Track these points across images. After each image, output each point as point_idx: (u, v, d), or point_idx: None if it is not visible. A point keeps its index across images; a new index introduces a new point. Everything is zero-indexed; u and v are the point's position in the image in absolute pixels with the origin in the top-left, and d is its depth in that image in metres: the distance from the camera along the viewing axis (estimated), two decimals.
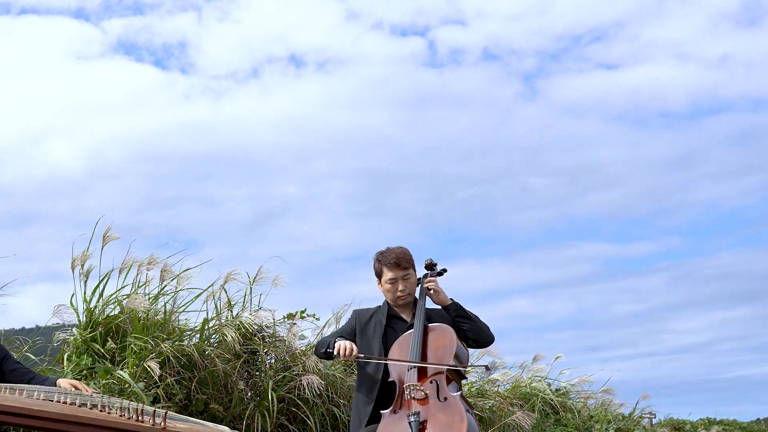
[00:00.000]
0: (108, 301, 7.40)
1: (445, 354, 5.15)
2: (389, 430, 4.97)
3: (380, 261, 5.46)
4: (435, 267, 5.71)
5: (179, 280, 7.75)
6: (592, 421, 11.87)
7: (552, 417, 11.19)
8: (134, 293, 7.41)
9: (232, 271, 7.99)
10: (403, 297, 5.42)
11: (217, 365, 7.20)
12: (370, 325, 5.46)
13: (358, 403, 5.37)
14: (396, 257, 5.40)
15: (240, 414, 7.28)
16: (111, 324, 7.24)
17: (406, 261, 5.42)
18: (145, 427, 4.56)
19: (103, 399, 4.63)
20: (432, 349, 5.20)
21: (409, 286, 5.43)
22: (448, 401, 4.96)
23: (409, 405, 4.99)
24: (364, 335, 5.44)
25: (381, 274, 5.46)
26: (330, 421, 7.74)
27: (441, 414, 4.91)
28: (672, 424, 16.19)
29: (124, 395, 6.25)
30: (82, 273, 7.42)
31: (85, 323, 7.24)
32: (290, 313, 8.44)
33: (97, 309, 7.32)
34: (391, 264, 5.40)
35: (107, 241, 7.55)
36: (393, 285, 5.42)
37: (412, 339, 5.22)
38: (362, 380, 5.39)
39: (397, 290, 5.40)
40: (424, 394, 5.00)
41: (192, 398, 7.09)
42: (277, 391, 7.38)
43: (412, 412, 4.90)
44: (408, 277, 5.42)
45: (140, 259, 7.68)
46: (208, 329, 7.69)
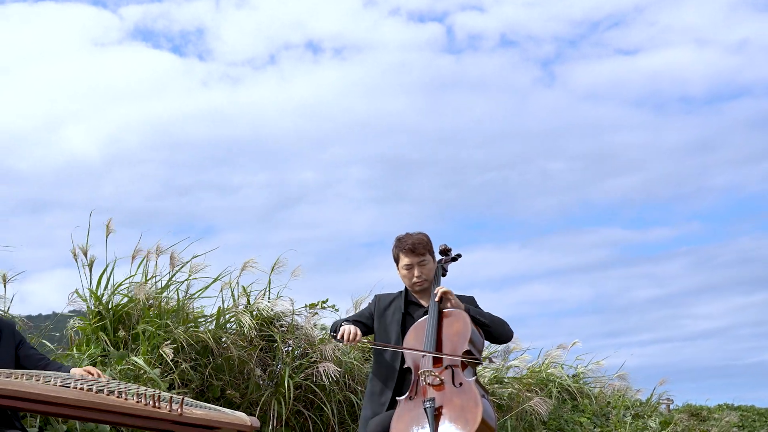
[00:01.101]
0: (116, 289, 7.40)
1: (460, 340, 5.13)
2: (405, 417, 4.95)
3: (397, 246, 5.45)
4: (449, 252, 5.70)
5: (191, 267, 7.74)
6: (609, 407, 11.84)
7: (569, 403, 11.17)
8: (143, 282, 7.41)
9: (249, 260, 7.98)
10: (419, 283, 5.40)
11: (232, 352, 7.19)
12: (389, 311, 5.45)
13: (373, 389, 5.36)
14: (412, 243, 5.38)
15: (256, 400, 7.28)
16: (120, 312, 7.24)
17: (423, 247, 5.40)
18: (162, 413, 4.56)
19: (120, 385, 4.63)
20: (446, 335, 5.18)
21: (426, 272, 5.41)
22: (463, 386, 4.94)
23: (425, 391, 4.98)
24: (382, 320, 5.43)
25: (398, 259, 5.45)
26: (347, 407, 7.73)
27: (456, 399, 4.90)
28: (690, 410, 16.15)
29: (140, 381, 6.25)
30: (85, 262, 7.43)
31: (93, 312, 7.24)
32: (312, 303, 8.43)
33: (104, 297, 7.32)
34: (406, 250, 5.39)
35: (110, 232, 7.56)
36: (409, 271, 5.40)
37: (426, 325, 5.21)
38: (379, 367, 5.38)
39: (413, 276, 5.39)
40: (439, 380, 4.98)
41: (208, 384, 7.09)
42: (294, 378, 7.37)
43: (427, 399, 4.89)
44: (424, 263, 5.40)
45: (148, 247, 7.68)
46: (224, 317, 7.68)
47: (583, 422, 10.68)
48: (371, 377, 5.45)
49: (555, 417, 10.31)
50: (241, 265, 7.92)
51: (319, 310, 8.40)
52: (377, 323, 5.43)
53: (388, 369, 5.31)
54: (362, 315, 5.52)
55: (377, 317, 5.45)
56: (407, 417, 4.95)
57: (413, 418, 4.91)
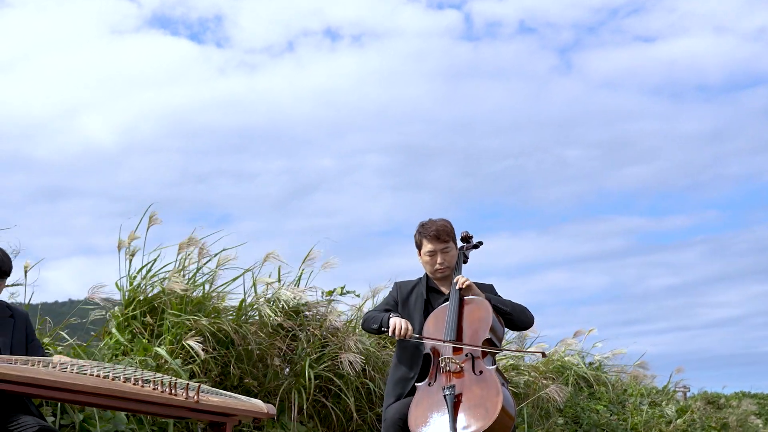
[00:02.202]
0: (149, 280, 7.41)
1: (481, 327, 5.11)
2: (424, 403, 4.95)
3: (420, 233, 5.43)
4: (471, 239, 5.69)
5: (219, 260, 7.73)
6: (625, 395, 11.82)
7: (585, 390, 11.16)
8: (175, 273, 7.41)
9: (272, 251, 7.97)
10: (442, 270, 5.39)
11: (251, 343, 7.19)
12: (411, 298, 5.44)
13: (396, 375, 5.33)
14: (436, 229, 5.36)
15: (275, 389, 7.28)
16: (152, 302, 7.26)
17: (446, 234, 5.38)
18: (178, 400, 4.58)
19: (137, 372, 4.64)
20: (467, 322, 5.17)
21: (448, 260, 5.40)
22: (484, 375, 4.94)
23: (445, 378, 4.96)
24: (405, 308, 5.42)
25: (420, 245, 5.43)
26: (365, 395, 7.73)
27: (476, 387, 4.89)
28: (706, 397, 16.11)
29: (161, 371, 6.26)
30: (128, 253, 7.43)
31: (127, 301, 7.25)
32: (330, 290, 8.42)
33: (140, 287, 7.34)
34: (430, 236, 5.37)
35: (153, 223, 7.56)
36: (432, 257, 5.38)
37: (447, 313, 5.19)
38: (403, 353, 5.35)
39: (435, 263, 5.37)
40: (459, 367, 4.97)
41: (227, 373, 7.09)
42: (315, 368, 7.36)
43: (447, 386, 4.89)
44: (447, 250, 5.39)
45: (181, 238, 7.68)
46: (245, 307, 7.68)
47: (599, 410, 10.67)
48: (395, 363, 5.42)
49: (571, 405, 10.31)
50: (264, 256, 7.92)
51: (337, 297, 8.39)
52: (401, 310, 5.41)
53: (411, 355, 5.29)
54: (389, 303, 5.51)
55: (401, 304, 5.43)
56: (426, 403, 4.94)
57: (432, 405, 4.91)
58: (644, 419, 10.93)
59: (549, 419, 9.67)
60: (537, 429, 9.33)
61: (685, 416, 11.79)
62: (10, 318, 4.92)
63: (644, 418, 10.95)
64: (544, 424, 9.53)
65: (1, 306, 5.00)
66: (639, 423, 10.80)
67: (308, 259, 8.20)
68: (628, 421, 10.78)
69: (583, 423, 10.28)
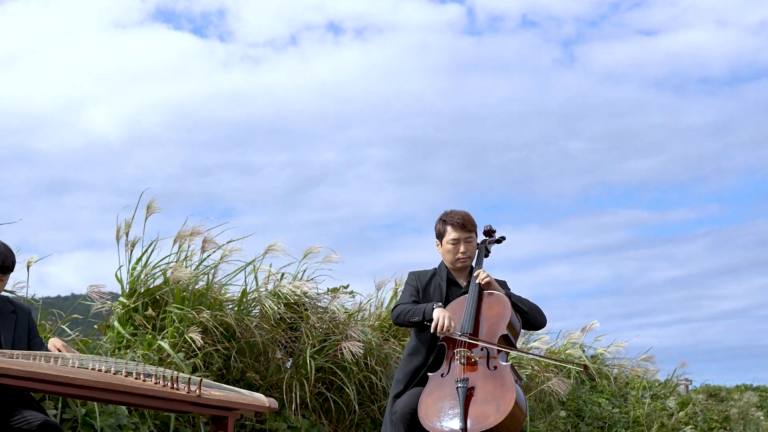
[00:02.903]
0: (151, 271, 7.39)
1: (499, 322, 5.10)
2: (435, 394, 4.94)
3: (445, 221, 5.42)
4: (494, 234, 5.69)
5: (224, 252, 7.72)
6: (627, 388, 11.83)
7: (587, 383, 11.16)
8: (178, 264, 7.40)
9: (273, 243, 7.96)
10: (463, 260, 5.38)
11: (255, 335, 7.19)
12: (429, 289, 5.42)
13: (411, 365, 5.30)
14: (462, 218, 5.36)
15: (277, 382, 7.29)
16: (154, 294, 7.25)
17: (471, 224, 5.40)
18: (180, 394, 4.57)
19: (138, 367, 4.64)
20: (486, 317, 5.15)
21: (470, 250, 5.40)
22: (498, 370, 4.92)
23: (458, 371, 4.95)
24: (425, 297, 5.40)
25: (444, 234, 5.41)
26: (367, 388, 7.72)
27: (490, 382, 4.88)
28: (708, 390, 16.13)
29: (164, 365, 6.26)
30: (127, 243, 7.41)
31: (128, 293, 7.24)
32: (334, 288, 8.42)
33: (140, 278, 7.32)
34: (456, 224, 5.36)
35: (151, 212, 7.54)
36: (455, 246, 5.37)
37: (465, 305, 5.17)
38: (418, 342, 5.33)
39: (458, 251, 5.36)
40: (474, 360, 4.95)
41: (229, 367, 7.09)
42: (316, 359, 7.37)
43: (460, 378, 4.87)
44: (470, 240, 5.39)
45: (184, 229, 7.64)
46: (247, 300, 7.67)
47: (601, 403, 10.67)
48: (408, 352, 5.38)
49: (573, 398, 10.31)
50: (265, 249, 7.92)
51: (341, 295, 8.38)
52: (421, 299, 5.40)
53: (426, 345, 5.28)
54: (414, 294, 5.43)
55: (420, 294, 5.42)
56: (437, 393, 4.93)
57: (443, 396, 4.89)
58: (646, 412, 10.94)
59: (551, 412, 9.68)
60: (539, 422, 9.33)
61: (687, 409, 11.79)
62: (13, 314, 4.93)
63: (646, 411, 10.96)
64: (546, 417, 9.53)
65: (4, 301, 5.00)
66: (641, 416, 10.80)
67: (310, 253, 8.20)
68: (630, 414, 10.79)
69: (585, 416, 10.29)
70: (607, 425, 10.39)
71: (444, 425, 4.80)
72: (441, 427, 4.80)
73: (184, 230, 7.63)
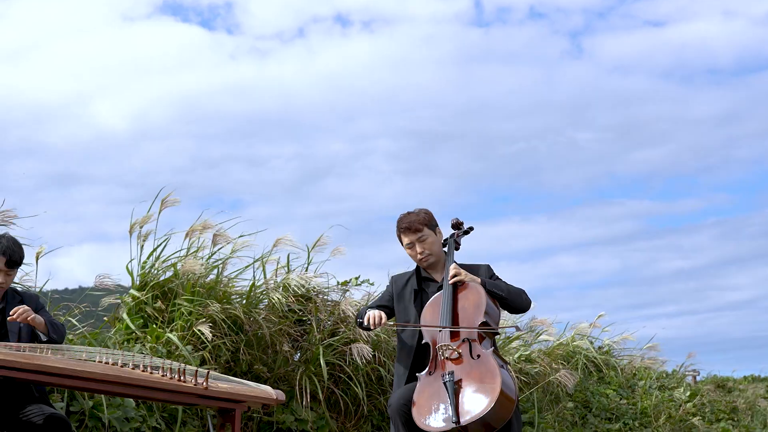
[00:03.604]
0: (162, 264, 7.40)
1: (476, 312, 5.13)
2: (426, 392, 4.96)
3: (397, 228, 5.46)
4: (461, 226, 5.69)
5: (234, 245, 7.72)
6: (635, 379, 11.81)
7: (595, 375, 11.15)
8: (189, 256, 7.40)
9: (283, 236, 7.95)
10: (425, 259, 5.39)
11: (262, 328, 7.19)
12: (405, 291, 5.46)
13: (398, 369, 5.37)
14: (408, 222, 5.38)
15: (284, 375, 7.29)
16: (164, 287, 7.25)
17: (418, 223, 5.37)
18: (187, 386, 4.57)
19: (146, 359, 4.64)
20: (462, 308, 5.19)
21: (428, 247, 5.39)
22: (481, 358, 4.95)
23: (444, 365, 4.98)
24: (401, 301, 5.44)
25: (400, 240, 5.45)
26: (375, 381, 7.72)
27: (475, 372, 4.91)
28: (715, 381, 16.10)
29: (172, 357, 6.26)
30: (140, 237, 7.42)
31: (139, 285, 7.25)
32: (345, 281, 8.41)
33: (152, 271, 7.32)
34: (403, 229, 5.41)
35: (166, 206, 7.54)
36: (411, 249, 5.41)
37: (441, 300, 5.20)
38: (401, 346, 5.40)
39: (417, 254, 5.38)
40: (457, 353, 4.98)
41: (237, 359, 7.09)
42: (326, 354, 7.37)
43: (446, 372, 4.90)
44: (423, 239, 5.38)
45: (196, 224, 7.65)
46: (255, 293, 7.67)
47: (609, 394, 10.66)
48: (397, 356, 5.45)
49: (581, 389, 10.30)
50: (274, 241, 7.91)
51: (352, 287, 8.37)
52: (396, 304, 5.45)
53: (408, 347, 5.32)
54: (383, 299, 5.55)
55: (396, 298, 5.46)
56: (427, 392, 4.95)
57: (433, 393, 4.92)
58: (654, 403, 10.92)
59: (559, 404, 9.67)
60: (547, 414, 9.33)
61: (694, 400, 11.78)
62: (20, 303, 4.93)
63: (654, 402, 10.94)
64: (553, 409, 9.52)
65: (12, 294, 5.02)
66: (648, 407, 10.79)
67: (318, 245, 8.19)
68: (637, 405, 10.78)
69: (592, 407, 10.28)
70: (614, 416, 10.38)
71: (438, 422, 4.82)
72: (435, 423, 4.83)
73: (196, 224, 7.63)
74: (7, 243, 4.85)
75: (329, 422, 7.28)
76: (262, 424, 7.01)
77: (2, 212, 6.59)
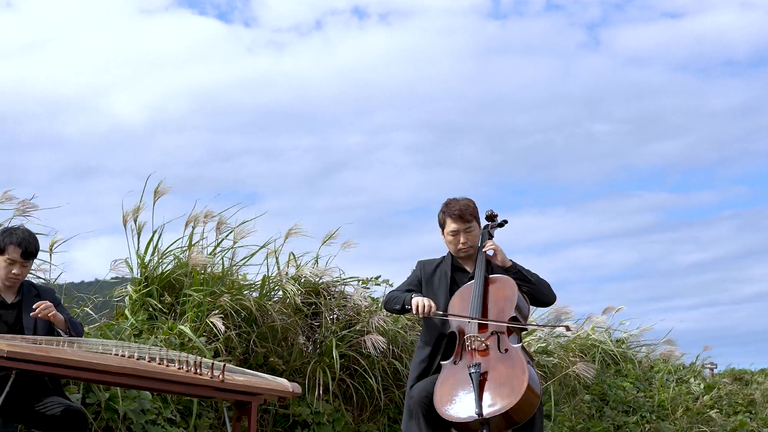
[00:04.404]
0: (163, 255, 7.35)
1: (506, 306, 5.09)
2: (449, 381, 4.93)
3: (444, 212, 5.38)
4: (496, 218, 5.63)
5: (236, 234, 7.68)
6: (652, 372, 11.75)
7: (612, 368, 11.10)
8: (191, 247, 7.36)
9: (293, 227, 7.92)
10: (465, 249, 5.35)
11: (275, 320, 7.16)
12: (435, 277, 5.40)
13: (421, 355, 5.31)
14: (460, 209, 5.31)
15: (300, 368, 7.26)
16: (167, 279, 7.21)
17: (470, 213, 5.33)
18: (203, 379, 4.56)
19: (162, 352, 4.63)
20: (493, 300, 5.15)
21: (471, 239, 5.35)
22: (509, 353, 4.91)
23: (470, 356, 4.93)
24: (429, 287, 5.38)
25: (444, 224, 5.39)
26: (391, 374, 7.69)
27: (502, 365, 4.87)
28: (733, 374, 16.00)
29: (185, 349, 6.25)
30: (134, 228, 7.37)
31: (139, 279, 7.21)
32: (365, 279, 8.37)
33: (151, 264, 7.28)
34: (454, 216, 5.32)
35: (159, 196, 7.48)
36: (455, 237, 5.34)
37: (472, 291, 5.17)
38: (428, 332, 5.32)
39: (459, 242, 5.33)
40: (485, 345, 4.94)
41: (251, 352, 7.07)
42: (340, 347, 7.34)
43: (473, 363, 4.87)
44: (470, 230, 5.34)
45: (195, 212, 7.59)
46: (269, 284, 7.64)
47: (626, 387, 10.61)
48: (420, 344, 5.40)
49: (598, 382, 10.25)
50: (286, 232, 7.87)
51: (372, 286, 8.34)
52: (425, 289, 5.37)
53: (435, 334, 5.26)
54: (412, 283, 5.47)
55: (424, 283, 5.39)
56: (451, 381, 4.92)
57: (457, 383, 4.88)
58: (671, 396, 10.86)
59: (576, 396, 9.63)
60: (564, 406, 9.29)
61: (711, 393, 11.71)
62: (36, 298, 4.94)
63: (671, 395, 10.88)
64: (570, 402, 9.48)
65: (28, 287, 5.02)
66: (665, 400, 10.73)
67: (331, 238, 8.15)
68: (654, 398, 10.72)
69: (609, 400, 10.23)
70: (631, 409, 10.32)
71: (460, 412, 4.80)
72: (457, 414, 4.81)
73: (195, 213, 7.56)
74: (23, 234, 4.87)
75: (345, 415, 7.26)
76: (278, 417, 7.00)
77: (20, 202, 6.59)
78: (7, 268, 4.83)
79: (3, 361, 4.13)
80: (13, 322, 4.85)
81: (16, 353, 4.15)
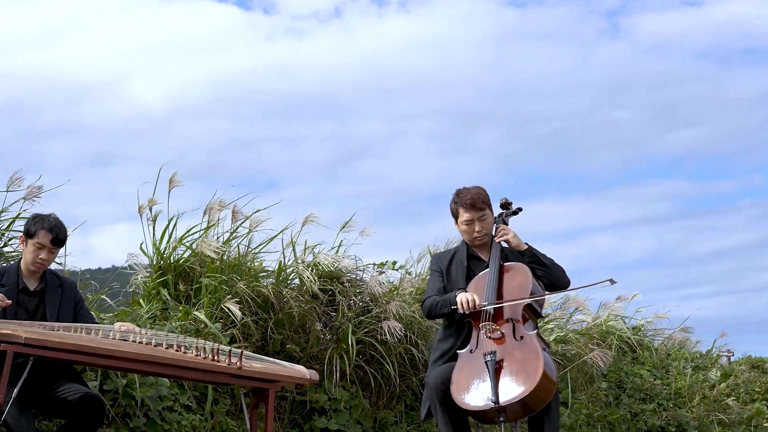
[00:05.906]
0: (177, 244, 7.36)
1: (521, 293, 5.09)
2: (466, 370, 4.92)
3: (456, 202, 5.37)
4: (510, 206, 5.61)
5: (252, 221, 7.67)
6: (669, 359, 11.71)
7: (629, 355, 11.06)
8: (204, 235, 7.36)
9: (310, 214, 7.90)
10: (480, 237, 5.33)
11: (293, 307, 7.16)
12: (452, 267, 5.40)
13: (439, 343, 5.29)
14: (471, 198, 5.29)
15: (317, 354, 7.26)
16: (182, 267, 7.22)
17: (482, 201, 5.31)
18: (221, 366, 4.56)
19: (179, 339, 4.62)
20: (507, 288, 5.14)
21: (486, 227, 5.34)
22: (524, 339, 4.91)
23: (486, 344, 4.92)
24: (448, 278, 5.36)
25: (457, 214, 5.37)
26: (408, 361, 7.68)
27: (517, 352, 4.87)
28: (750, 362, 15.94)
29: (201, 335, 6.24)
30: (149, 217, 7.38)
31: (155, 267, 7.22)
32: (380, 263, 8.36)
33: (166, 252, 7.29)
34: (466, 205, 5.30)
35: (173, 186, 7.49)
36: (469, 226, 5.32)
37: (487, 278, 5.16)
38: (449, 326, 5.30)
39: (473, 231, 5.31)
40: (500, 333, 4.94)
41: (269, 339, 7.07)
42: (356, 333, 7.33)
43: (488, 352, 4.86)
44: (484, 218, 5.32)
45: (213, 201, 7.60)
46: (285, 271, 7.63)
47: (642, 374, 10.58)
48: (441, 334, 5.38)
49: (615, 369, 10.23)
50: (303, 220, 7.85)
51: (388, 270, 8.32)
52: (445, 281, 5.35)
53: (452, 322, 5.24)
54: (439, 280, 5.41)
55: (445, 275, 5.37)
56: (468, 370, 4.91)
57: (474, 371, 4.87)
58: (688, 384, 10.82)
59: (593, 384, 9.61)
60: (581, 394, 9.27)
61: (728, 381, 11.67)
62: (59, 288, 5.02)
63: (688, 383, 10.84)
64: (587, 389, 9.46)
65: (51, 276, 5.05)
66: (682, 387, 10.69)
67: (348, 225, 8.14)
68: (671, 385, 10.68)
69: (626, 387, 10.20)
70: (648, 397, 10.30)
71: (476, 400, 4.79)
72: (474, 402, 4.80)
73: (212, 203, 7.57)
74: (55, 221, 4.96)
75: (361, 401, 7.26)
76: (295, 403, 6.99)
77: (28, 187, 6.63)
78: (35, 252, 4.89)
79: (21, 348, 4.14)
80: (34, 310, 4.91)
81: (33, 339, 4.15)
